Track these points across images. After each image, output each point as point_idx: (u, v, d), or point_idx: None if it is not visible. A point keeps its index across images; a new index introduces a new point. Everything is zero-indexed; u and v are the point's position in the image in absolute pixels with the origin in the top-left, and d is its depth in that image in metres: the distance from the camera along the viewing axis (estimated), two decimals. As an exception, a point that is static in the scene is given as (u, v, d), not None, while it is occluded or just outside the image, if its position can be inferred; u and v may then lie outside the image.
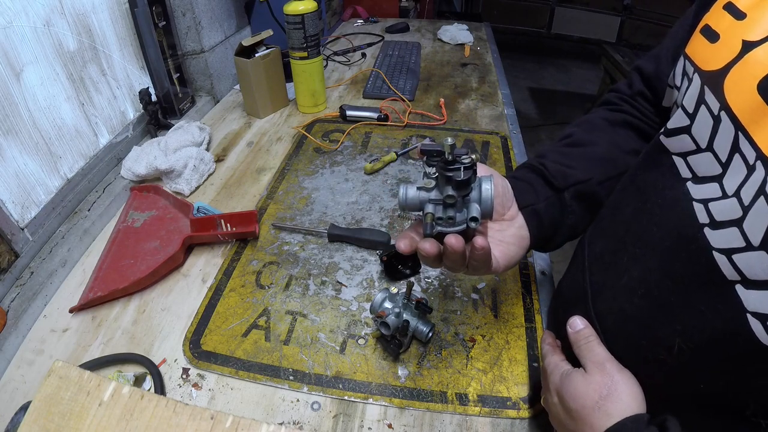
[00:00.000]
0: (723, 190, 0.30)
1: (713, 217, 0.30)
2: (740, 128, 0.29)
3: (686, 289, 0.32)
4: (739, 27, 0.31)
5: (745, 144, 0.28)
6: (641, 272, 0.37)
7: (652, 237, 0.36)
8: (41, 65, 0.73)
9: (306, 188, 0.87)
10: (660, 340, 0.35)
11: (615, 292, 0.40)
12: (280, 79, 1.12)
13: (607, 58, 2.72)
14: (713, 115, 0.31)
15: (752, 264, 0.27)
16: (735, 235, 0.28)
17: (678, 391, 0.36)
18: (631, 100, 0.54)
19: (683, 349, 0.33)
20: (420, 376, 0.55)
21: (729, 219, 0.29)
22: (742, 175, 0.28)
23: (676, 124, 0.36)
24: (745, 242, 0.27)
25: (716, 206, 0.30)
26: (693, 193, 0.33)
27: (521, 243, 0.46)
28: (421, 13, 2.56)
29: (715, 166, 0.31)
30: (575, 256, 0.51)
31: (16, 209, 0.69)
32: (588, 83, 3.63)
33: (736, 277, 0.28)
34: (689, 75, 0.36)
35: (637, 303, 0.37)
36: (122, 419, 0.42)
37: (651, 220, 0.37)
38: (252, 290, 0.66)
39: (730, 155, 0.30)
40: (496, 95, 1.22)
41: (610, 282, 0.42)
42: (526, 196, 0.48)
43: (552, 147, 0.54)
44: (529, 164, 0.52)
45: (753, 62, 0.29)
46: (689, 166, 0.34)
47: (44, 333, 0.62)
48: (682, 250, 0.33)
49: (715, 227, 0.30)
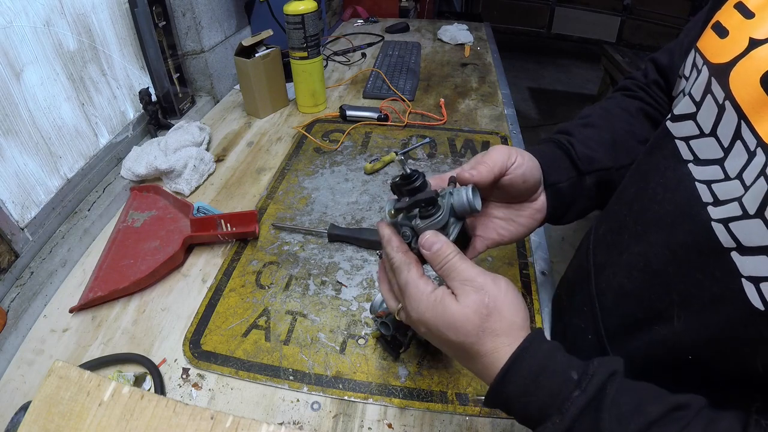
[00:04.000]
0: (725, 172, 0.32)
1: (717, 196, 0.32)
2: (743, 117, 0.31)
3: (684, 259, 0.34)
4: (747, 25, 0.33)
5: (747, 132, 0.30)
6: (642, 248, 0.38)
7: (654, 215, 0.38)
8: (41, 65, 0.73)
9: (306, 188, 0.87)
10: (657, 311, 0.36)
11: (615, 269, 0.41)
12: (280, 79, 1.12)
13: (607, 58, 2.73)
14: (718, 104, 0.33)
15: (748, 231, 0.28)
16: (734, 207, 0.30)
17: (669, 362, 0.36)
18: (646, 88, 0.55)
19: (680, 318, 0.34)
20: (420, 376, 0.55)
21: (732, 197, 0.30)
22: (743, 159, 0.30)
23: (682, 111, 0.38)
24: (742, 211, 0.29)
25: (719, 187, 0.32)
26: (695, 174, 0.34)
27: (533, 222, 0.48)
28: (421, 13, 2.56)
29: (717, 150, 0.33)
30: (582, 243, 0.52)
31: (16, 209, 0.69)
32: (588, 83, 3.63)
33: (732, 244, 0.30)
34: (698, 67, 0.37)
35: (636, 276, 0.38)
36: (122, 419, 0.42)
37: (653, 199, 0.38)
38: (252, 290, 0.66)
39: (732, 141, 0.32)
40: (496, 95, 1.22)
41: (611, 260, 0.43)
42: (553, 174, 0.48)
43: (574, 126, 0.53)
44: (556, 140, 0.51)
45: (758, 58, 0.31)
46: (691, 149, 0.36)
47: (44, 333, 0.62)
48: (684, 225, 0.34)
49: (718, 205, 0.31)
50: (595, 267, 0.46)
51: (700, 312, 0.33)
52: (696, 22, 0.47)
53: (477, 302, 0.34)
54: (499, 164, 0.42)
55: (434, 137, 1.01)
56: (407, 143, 1.00)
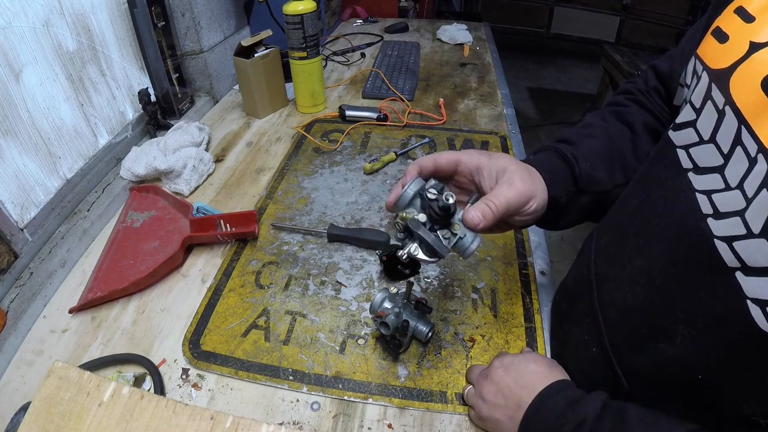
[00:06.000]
0: (725, 181, 0.31)
1: (717, 208, 0.31)
2: (743, 122, 0.30)
3: (687, 277, 0.33)
4: (747, 29, 0.32)
5: (747, 137, 0.29)
6: (644, 262, 0.38)
7: (655, 227, 0.37)
8: (40, 66, 0.73)
9: (305, 188, 0.87)
10: (661, 328, 0.35)
11: (618, 283, 0.41)
12: (280, 79, 1.12)
13: (607, 57, 2.73)
14: (718, 109, 0.33)
15: (752, 251, 0.28)
16: (737, 223, 0.29)
17: (678, 382, 0.36)
18: (647, 94, 0.55)
19: (685, 337, 0.33)
20: (420, 376, 0.55)
21: (732, 210, 0.30)
22: (744, 166, 0.29)
23: (683, 119, 0.37)
24: (746, 230, 0.28)
25: (720, 198, 0.31)
26: (695, 184, 0.34)
27: (522, 225, 0.49)
28: (420, 12, 2.56)
29: (716, 157, 0.32)
30: (582, 250, 0.52)
31: (16, 210, 0.69)
32: (587, 83, 3.63)
33: (736, 264, 0.29)
34: (698, 73, 0.37)
35: (639, 292, 0.38)
36: (122, 420, 0.42)
37: (654, 211, 0.38)
38: (251, 290, 0.66)
39: (732, 147, 0.31)
40: (495, 95, 1.22)
41: (613, 273, 0.42)
42: (554, 189, 0.48)
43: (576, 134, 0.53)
44: (560, 151, 0.51)
45: (758, 61, 0.30)
46: (690, 157, 0.35)
47: (44, 333, 0.62)
48: (685, 239, 0.33)
49: (718, 218, 0.31)
50: (597, 278, 0.45)
51: (705, 332, 0.32)
52: (696, 29, 0.47)
53: None
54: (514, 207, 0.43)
55: (433, 137, 1.01)
56: (407, 143, 1.00)
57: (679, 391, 0.36)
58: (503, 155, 0.48)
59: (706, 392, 0.33)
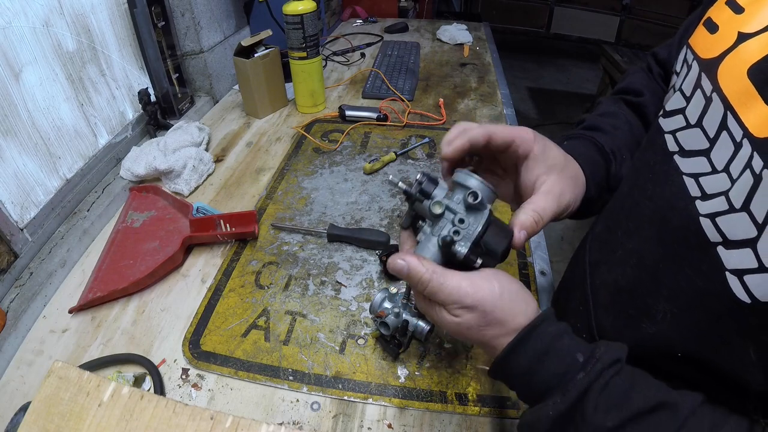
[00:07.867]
0: (712, 164, 0.32)
1: (705, 190, 0.32)
2: (729, 108, 0.31)
3: (674, 255, 0.34)
4: (736, 20, 0.33)
5: (733, 123, 0.30)
6: (635, 244, 0.38)
7: (645, 210, 0.38)
8: (40, 66, 0.73)
9: (305, 188, 0.87)
10: (645, 306, 0.36)
11: (609, 266, 0.42)
12: (279, 79, 1.12)
13: (606, 57, 2.73)
14: (705, 96, 0.34)
15: (732, 224, 0.29)
16: (721, 202, 0.30)
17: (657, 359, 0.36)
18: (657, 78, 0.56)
19: (666, 314, 0.34)
20: (419, 375, 0.55)
21: (719, 191, 0.31)
22: (730, 151, 0.30)
23: (673, 106, 0.38)
24: (728, 206, 0.29)
25: (707, 180, 0.32)
26: (683, 167, 0.35)
27: None
28: (420, 13, 2.56)
29: (702, 141, 0.33)
30: (582, 242, 0.52)
31: (16, 210, 0.69)
32: (587, 83, 3.63)
33: (718, 238, 0.30)
34: (689, 62, 0.38)
35: (629, 273, 0.39)
36: (122, 420, 0.42)
37: (643, 195, 0.39)
38: (251, 290, 0.66)
39: (718, 132, 0.32)
40: (495, 95, 1.22)
41: (605, 258, 0.43)
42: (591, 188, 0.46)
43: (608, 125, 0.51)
44: (599, 145, 0.49)
45: (746, 51, 0.31)
46: (677, 141, 0.36)
47: (44, 333, 0.62)
48: (674, 220, 0.34)
49: (705, 199, 0.32)
50: (591, 265, 0.46)
51: (687, 307, 0.33)
52: (692, 20, 0.48)
53: (474, 320, 0.35)
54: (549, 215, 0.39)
55: (433, 137, 1.01)
56: (406, 143, 1.00)
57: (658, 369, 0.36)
58: (552, 145, 0.43)
59: (685, 369, 0.34)
